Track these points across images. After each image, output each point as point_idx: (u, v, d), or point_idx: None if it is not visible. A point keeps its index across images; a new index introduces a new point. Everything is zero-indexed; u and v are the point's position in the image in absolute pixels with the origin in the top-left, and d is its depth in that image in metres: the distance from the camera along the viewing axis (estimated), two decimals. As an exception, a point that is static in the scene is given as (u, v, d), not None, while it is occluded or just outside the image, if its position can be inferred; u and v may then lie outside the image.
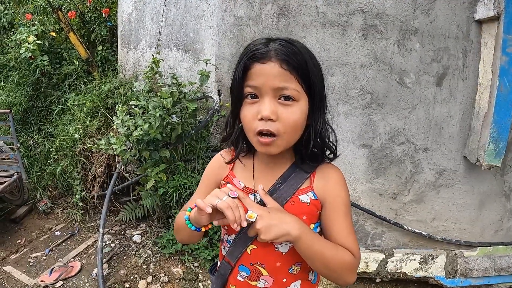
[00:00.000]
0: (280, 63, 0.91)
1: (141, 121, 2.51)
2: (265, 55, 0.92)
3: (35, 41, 3.96)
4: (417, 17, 2.56)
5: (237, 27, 2.84)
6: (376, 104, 2.66)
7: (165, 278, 2.81)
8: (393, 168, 2.76)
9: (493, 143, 2.51)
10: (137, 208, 3.37)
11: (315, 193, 1.06)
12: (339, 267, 0.99)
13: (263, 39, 0.97)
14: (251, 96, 0.96)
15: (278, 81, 0.92)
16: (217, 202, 0.91)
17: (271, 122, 0.94)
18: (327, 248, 0.99)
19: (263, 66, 0.93)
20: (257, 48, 0.94)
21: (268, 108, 0.93)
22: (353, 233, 1.07)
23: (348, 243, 1.03)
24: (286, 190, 1.05)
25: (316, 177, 1.07)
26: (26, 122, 4.36)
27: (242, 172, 1.13)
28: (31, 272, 3.01)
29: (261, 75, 0.93)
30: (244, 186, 1.10)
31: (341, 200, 1.06)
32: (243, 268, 1.11)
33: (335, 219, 1.05)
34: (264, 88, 0.93)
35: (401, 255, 2.82)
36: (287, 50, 0.92)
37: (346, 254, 1.01)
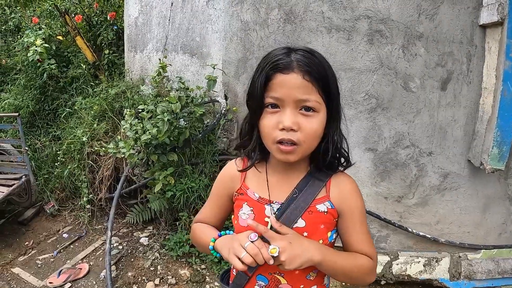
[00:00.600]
0: (303, 74, 0.92)
1: (149, 125, 2.54)
2: (288, 66, 0.93)
3: (43, 45, 4.00)
4: (421, 22, 2.59)
5: (244, 32, 2.88)
6: (381, 108, 2.69)
7: (173, 280, 2.85)
8: (398, 171, 2.79)
9: (496, 147, 2.53)
10: (144, 211, 3.41)
11: (332, 203, 1.07)
12: (359, 274, 1.07)
13: (283, 49, 0.97)
14: (272, 106, 0.97)
15: (301, 93, 0.93)
16: (243, 256, 0.93)
17: (293, 132, 0.94)
18: (347, 261, 1.05)
19: (285, 77, 0.93)
20: (279, 58, 0.94)
21: (290, 119, 0.93)
22: (369, 238, 1.12)
23: (366, 249, 1.09)
24: (304, 200, 1.06)
25: (331, 186, 1.09)
26: (33, 125, 4.39)
27: (256, 182, 1.13)
28: (39, 273, 3.04)
29: (284, 86, 0.93)
30: (259, 197, 1.10)
31: (357, 209, 1.09)
32: (262, 278, 1.11)
33: (353, 228, 1.09)
34: (286, 99, 0.94)
35: (406, 257, 2.84)
36: (309, 61, 0.93)
37: (364, 260, 1.07)
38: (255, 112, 1.00)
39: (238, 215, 1.11)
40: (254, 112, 1.01)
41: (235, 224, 1.12)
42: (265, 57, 0.99)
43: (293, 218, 1.05)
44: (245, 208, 1.11)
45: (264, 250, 0.93)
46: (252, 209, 1.10)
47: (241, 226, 1.08)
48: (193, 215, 2.98)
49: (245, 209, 1.11)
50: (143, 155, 2.74)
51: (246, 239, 0.96)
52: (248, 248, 0.93)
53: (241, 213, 1.11)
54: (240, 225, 1.09)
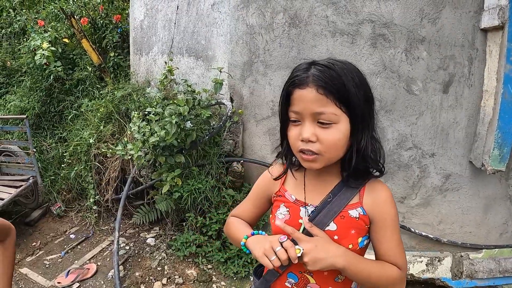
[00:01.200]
0: (316, 88, 0.97)
1: (157, 128, 2.59)
2: (304, 81, 0.99)
3: (49, 48, 4.04)
4: (424, 26, 2.64)
5: (249, 36, 2.92)
6: (385, 111, 2.74)
7: (180, 279, 2.89)
8: (401, 172, 2.84)
9: (497, 148, 2.58)
10: (150, 212, 3.45)
11: (364, 209, 1.10)
12: (387, 284, 1.07)
13: (305, 64, 1.03)
14: (294, 119, 1.04)
15: (316, 106, 0.98)
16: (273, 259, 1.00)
17: (311, 143, 1.01)
18: (373, 269, 1.06)
19: (301, 92, 0.99)
20: (297, 74, 1.01)
21: (308, 131, 1.00)
22: (401, 247, 1.13)
23: (396, 259, 1.10)
24: (337, 205, 1.10)
25: (365, 193, 1.11)
26: (39, 127, 4.43)
27: (293, 186, 1.20)
28: (47, 274, 3.08)
29: (301, 101, 1.00)
30: (296, 199, 1.17)
31: (390, 218, 1.10)
32: (292, 276, 1.17)
33: (384, 236, 1.10)
34: (304, 112, 1.00)
35: (409, 257, 2.89)
36: (324, 75, 0.97)
37: (392, 270, 1.08)
38: (283, 124, 1.10)
39: (276, 214, 1.18)
40: (282, 124, 1.11)
41: (272, 223, 1.19)
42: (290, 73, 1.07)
43: (326, 221, 1.10)
44: (282, 208, 1.17)
45: (291, 250, 0.99)
46: (288, 210, 1.16)
47: (277, 225, 1.15)
48: (200, 215, 3.02)
49: (282, 209, 1.17)
50: (151, 157, 2.79)
51: (278, 243, 1.02)
52: (279, 252, 1.00)
53: (278, 213, 1.17)
54: (277, 224, 1.16)
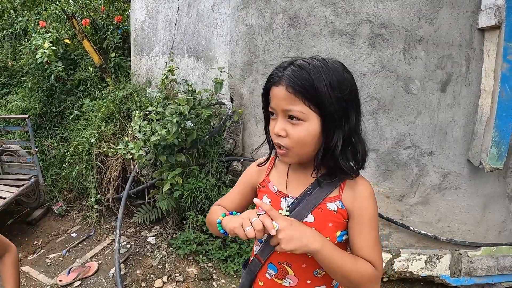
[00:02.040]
0: (286, 87, 1.02)
1: (158, 127, 2.62)
2: (278, 80, 1.04)
3: (50, 47, 4.07)
4: (421, 26, 2.66)
5: (249, 36, 2.95)
6: (383, 110, 2.77)
7: (180, 277, 2.92)
8: (399, 171, 2.86)
9: (495, 146, 2.60)
10: (151, 211, 3.48)
11: (342, 203, 1.11)
12: (359, 279, 1.05)
13: (285, 63, 1.06)
14: (272, 114, 1.10)
15: (285, 103, 1.03)
16: (248, 229, 1.00)
17: (281, 137, 1.06)
18: (346, 261, 1.05)
19: (275, 89, 1.05)
20: (275, 72, 1.07)
21: (278, 126, 1.06)
22: (378, 246, 1.11)
23: (371, 256, 1.08)
24: (316, 197, 1.13)
25: (345, 188, 1.13)
26: (40, 127, 4.46)
27: (277, 177, 1.24)
28: (49, 272, 3.11)
29: (274, 97, 1.06)
30: (278, 190, 1.20)
31: (367, 214, 1.10)
32: (272, 266, 1.20)
33: (360, 232, 1.10)
34: (276, 108, 1.06)
35: (408, 255, 2.91)
36: (295, 74, 1.01)
37: (366, 266, 1.06)
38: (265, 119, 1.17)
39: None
40: (265, 119, 1.18)
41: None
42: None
43: (304, 213, 1.12)
44: (265, 199, 1.21)
45: (267, 221, 1.01)
46: (270, 201, 1.20)
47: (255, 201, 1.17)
48: (200, 214, 3.05)
49: (264, 200, 1.21)
50: (152, 156, 2.81)
51: (255, 215, 1.04)
52: (254, 223, 1.01)
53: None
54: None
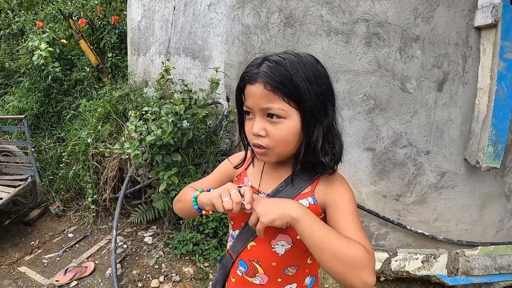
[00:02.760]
0: (264, 84, 0.97)
1: (154, 127, 2.61)
2: (253, 77, 0.99)
3: (47, 48, 4.07)
4: (418, 25, 2.65)
5: (245, 36, 2.94)
6: (379, 109, 2.76)
7: (177, 277, 2.91)
8: (396, 170, 2.85)
9: (492, 145, 2.59)
10: (148, 211, 3.47)
11: (314, 198, 1.07)
12: (352, 259, 0.89)
13: (259, 59, 1.02)
14: (248, 114, 1.06)
15: (264, 102, 0.99)
16: (225, 200, 0.98)
17: (261, 137, 1.02)
18: (334, 235, 0.92)
19: (251, 87, 1.00)
20: (249, 70, 1.02)
21: (257, 126, 1.01)
22: (362, 232, 0.99)
23: (358, 239, 0.94)
24: (288, 194, 1.09)
25: (318, 183, 1.09)
26: (37, 127, 4.46)
27: (253, 173, 1.22)
28: (45, 272, 3.10)
29: (251, 96, 1.01)
30: (251, 185, 1.18)
31: (343, 199, 1.04)
32: (242, 263, 1.18)
33: (339, 217, 1.02)
34: (254, 107, 1.02)
35: (404, 254, 2.90)
36: (272, 71, 0.97)
37: (358, 246, 0.91)
38: (239, 118, 1.13)
39: None
40: (239, 117, 1.14)
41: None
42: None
43: None
44: None
45: (248, 193, 0.98)
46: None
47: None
48: (197, 214, 3.04)
49: None
50: (148, 156, 2.81)
51: (235, 187, 1.01)
52: (233, 195, 0.98)
53: None
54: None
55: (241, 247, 1.17)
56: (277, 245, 1.10)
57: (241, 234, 1.18)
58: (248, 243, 1.16)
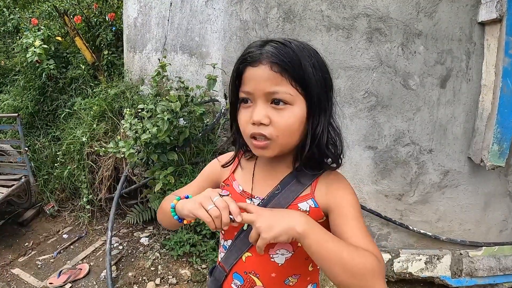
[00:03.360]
0: (270, 65, 0.88)
1: (149, 125, 2.54)
2: (257, 58, 0.89)
3: (41, 45, 4.00)
4: (420, 20, 2.60)
5: (243, 31, 2.88)
6: (381, 106, 2.69)
7: (173, 279, 2.84)
8: (398, 169, 2.79)
9: (497, 143, 2.54)
10: (144, 211, 3.40)
11: (315, 201, 0.98)
12: (364, 271, 0.81)
13: (259, 41, 0.93)
14: (245, 101, 0.94)
15: (269, 85, 0.89)
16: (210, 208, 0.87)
17: (264, 126, 0.91)
18: (344, 246, 0.84)
19: (254, 70, 0.90)
20: (250, 51, 0.91)
21: (260, 113, 0.90)
22: (370, 237, 0.91)
23: (366, 246, 0.87)
24: (285, 197, 0.99)
25: (318, 184, 1.00)
26: (32, 126, 4.39)
27: (243, 176, 1.09)
28: (39, 274, 3.04)
29: (253, 79, 0.90)
30: (243, 190, 1.07)
31: (347, 203, 0.96)
32: (237, 276, 1.07)
33: (345, 223, 0.93)
34: (256, 92, 0.90)
35: (407, 255, 2.84)
36: (279, 51, 0.88)
37: (368, 255, 0.84)
38: (232, 108, 1.00)
39: None
40: (232, 107, 1.00)
41: None
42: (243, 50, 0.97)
43: None
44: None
45: (233, 205, 0.87)
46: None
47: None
48: (194, 214, 2.97)
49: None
50: (143, 155, 2.73)
51: (216, 194, 0.91)
52: (217, 201, 0.88)
53: None
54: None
55: (235, 258, 1.06)
56: (276, 254, 1.01)
57: (234, 244, 1.07)
58: (242, 254, 1.05)
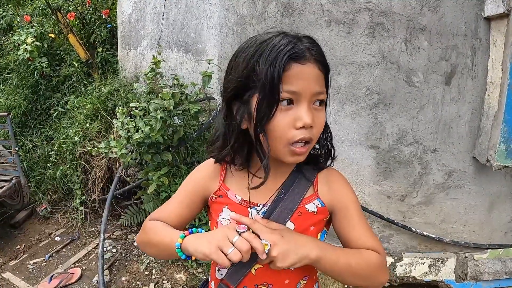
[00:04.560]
0: (318, 64, 0.84)
1: (141, 124, 2.44)
2: (303, 55, 0.82)
3: (34, 43, 3.92)
4: (424, 14, 2.50)
5: (240, 26, 2.78)
6: (384, 104, 2.60)
7: (168, 284, 2.75)
8: (401, 169, 2.70)
9: (504, 143, 2.46)
10: (138, 213, 3.31)
11: (321, 200, 0.99)
12: (369, 271, 0.94)
13: (290, 36, 0.84)
14: (287, 102, 0.84)
15: (317, 86, 0.85)
16: (230, 252, 0.79)
17: (310, 129, 0.86)
18: (352, 256, 0.93)
19: (303, 68, 0.82)
20: (292, 46, 0.81)
21: (310, 115, 0.84)
22: (371, 231, 1.01)
23: (370, 243, 0.97)
24: (292, 200, 0.96)
25: (319, 183, 1.01)
26: (25, 125, 4.30)
27: (236, 184, 1.01)
28: (30, 279, 2.96)
29: (301, 78, 0.82)
30: (242, 199, 0.99)
31: (350, 201, 1.01)
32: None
33: (350, 223, 0.99)
34: (303, 93, 0.83)
35: (410, 258, 2.76)
36: (319, 50, 0.86)
37: (371, 255, 0.95)
38: (266, 111, 0.83)
39: (218, 220, 0.99)
40: (265, 110, 0.83)
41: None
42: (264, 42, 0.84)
43: (281, 221, 0.94)
44: (226, 212, 0.99)
45: (256, 241, 0.81)
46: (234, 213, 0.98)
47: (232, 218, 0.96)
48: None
49: (225, 213, 0.99)
50: (136, 155, 2.64)
51: (234, 232, 0.82)
52: (237, 242, 0.80)
53: (221, 218, 0.98)
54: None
55: (243, 273, 0.98)
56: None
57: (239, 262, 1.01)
58: (251, 267, 0.97)
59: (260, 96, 0.83)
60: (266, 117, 0.84)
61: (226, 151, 0.95)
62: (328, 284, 2.64)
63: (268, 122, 0.84)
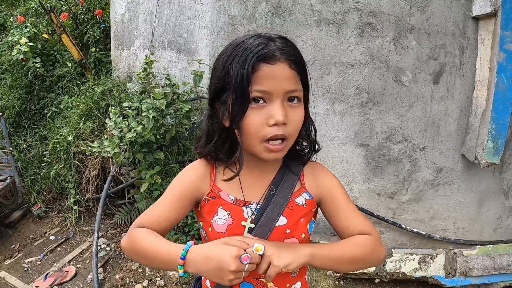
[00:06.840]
0: (289, 63, 0.87)
1: (134, 123, 2.47)
2: (273, 55, 0.85)
3: (27, 43, 3.92)
4: (413, 14, 2.53)
5: (231, 27, 2.80)
6: (373, 103, 2.63)
7: (162, 282, 2.77)
8: (390, 167, 2.73)
9: (491, 140, 2.49)
10: (132, 211, 3.33)
11: (309, 193, 1.04)
12: (364, 254, 0.99)
13: (258, 37, 0.88)
14: (257, 101, 0.87)
15: (290, 84, 0.87)
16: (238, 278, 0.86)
17: (284, 126, 0.88)
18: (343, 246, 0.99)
19: (273, 67, 0.85)
20: (262, 47, 0.85)
21: (282, 113, 0.87)
22: (360, 213, 1.06)
23: (362, 226, 1.02)
24: (282, 196, 1.00)
25: (305, 177, 1.06)
26: (19, 125, 4.30)
27: (228, 183, 1.01)
28: (25, 277, 2.98)
29: (271, 78, 0.85)
30: (236, 199, 1.01)
31: (337, 189, 1.06)
32: (246, 285, 1.02)
33: (340, 210, 1.04)
34: (275, 92, 0.86)
35: (400, 255, 2.78)
36: (291, 49, 0.88)
37: (362, 239, 1.00)
38: (238, 110, 0.88)
39: (212, 221, 0.99)
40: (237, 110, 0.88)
41: (209, 232, 1.00)
42: (238, 45, 0.88)
43: (274, 217, 0.98)
44: (221, 212, 1.00)
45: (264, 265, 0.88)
46: (229, 213, 0.99)
47: (217, 233, 0.97)
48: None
49: (220, 214, 1.00)
50: (129, 154, 2.66)
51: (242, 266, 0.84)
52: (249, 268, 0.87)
53: (217, 219, 0.99)
54: (217, 232, 0.98)
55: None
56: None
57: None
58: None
59: (233, 96, 0.88)
60: (239, 116, 0.88)
61: (209, 147, 0.99)
62: (319, 281, 2.67)
63: (242, 120, 0.89)
